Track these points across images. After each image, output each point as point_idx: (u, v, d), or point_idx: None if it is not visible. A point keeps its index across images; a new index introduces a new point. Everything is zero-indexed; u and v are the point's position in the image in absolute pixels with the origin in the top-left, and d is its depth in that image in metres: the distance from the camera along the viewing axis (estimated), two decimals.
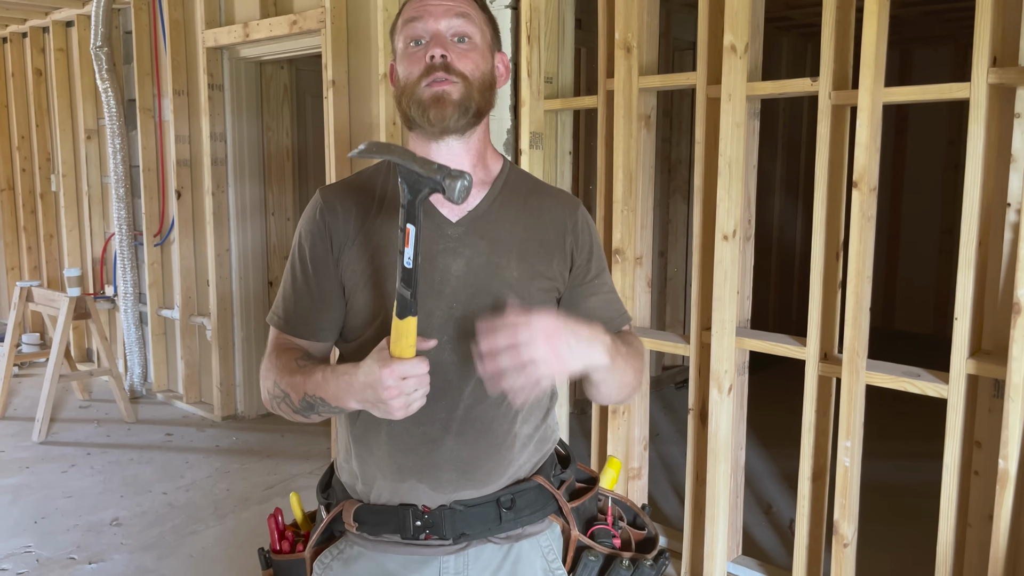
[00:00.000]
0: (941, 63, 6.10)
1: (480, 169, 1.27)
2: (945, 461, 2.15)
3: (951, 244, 6.10)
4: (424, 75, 1.20)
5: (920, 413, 3.44)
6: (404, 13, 1.25)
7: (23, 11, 4.97)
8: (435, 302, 1.20)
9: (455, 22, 1.21)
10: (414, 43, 1.22)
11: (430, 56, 1.19)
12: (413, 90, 1.21)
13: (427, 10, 1.21)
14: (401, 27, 1.24)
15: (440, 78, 1.19)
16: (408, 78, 1.22)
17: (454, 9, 1.22)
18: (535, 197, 1.31)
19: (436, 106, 1.19)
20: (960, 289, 2.10)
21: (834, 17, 2.23)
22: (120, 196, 4.64)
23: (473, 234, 1.23)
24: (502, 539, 1.24)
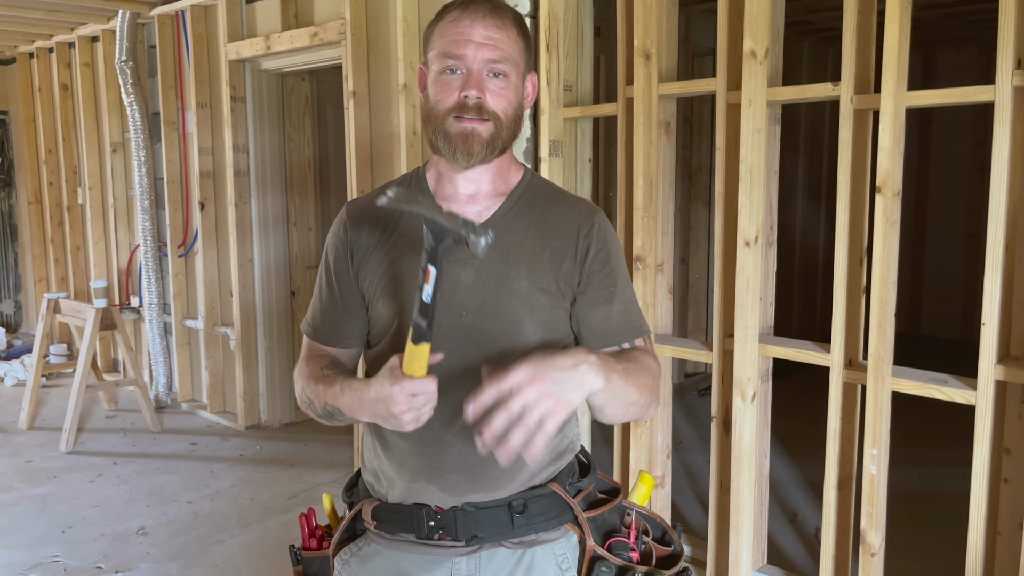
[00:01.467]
0: (965, 65, 6.03)
1: (500, 182, 1.29)
2: (974, 468, 2.12)
3: (977, 248, 6.02)
4: (455, 110, 1.20)
5: (947, 420, 3.40)
6: (442, 31, 1.22)
7: (50, 27, 5.06)
8: (444, 310, 1.20)
9: (493, 57, 1.20)
10: (449, 71, 1.21)
11: (464, 95, 1.19)
12: (442, 121, 1.21)
13: (466, 42, 1.19)
14: (437, 49, 1.22)
15: (470, 114, 1.19)
16: (437, 106, 1.21)
17: (493, 44, 1.20)
18: (552, 206, 1.30)
19: (464, 144, 1.20)
20: (987, 294, 2.07)
21: (855, 21, 2.21)
22: (145, 208, 4.70)
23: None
24: (515, 544, 1.24)
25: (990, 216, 2.05)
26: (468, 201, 1.28)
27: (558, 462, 1.29)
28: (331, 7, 3.66)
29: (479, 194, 1.28)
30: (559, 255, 1.26)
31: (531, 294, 1.23)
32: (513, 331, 1.22)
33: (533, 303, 1.23)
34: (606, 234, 1.31)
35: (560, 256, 1.26)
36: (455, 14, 1.22)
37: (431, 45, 1.24)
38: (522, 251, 1.25)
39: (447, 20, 1.22)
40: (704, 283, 5.02)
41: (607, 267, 1.28)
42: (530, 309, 1.22)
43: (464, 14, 1.21)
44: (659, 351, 2.74)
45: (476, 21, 1.20)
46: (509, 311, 1.22)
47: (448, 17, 1.22)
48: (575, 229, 1.28)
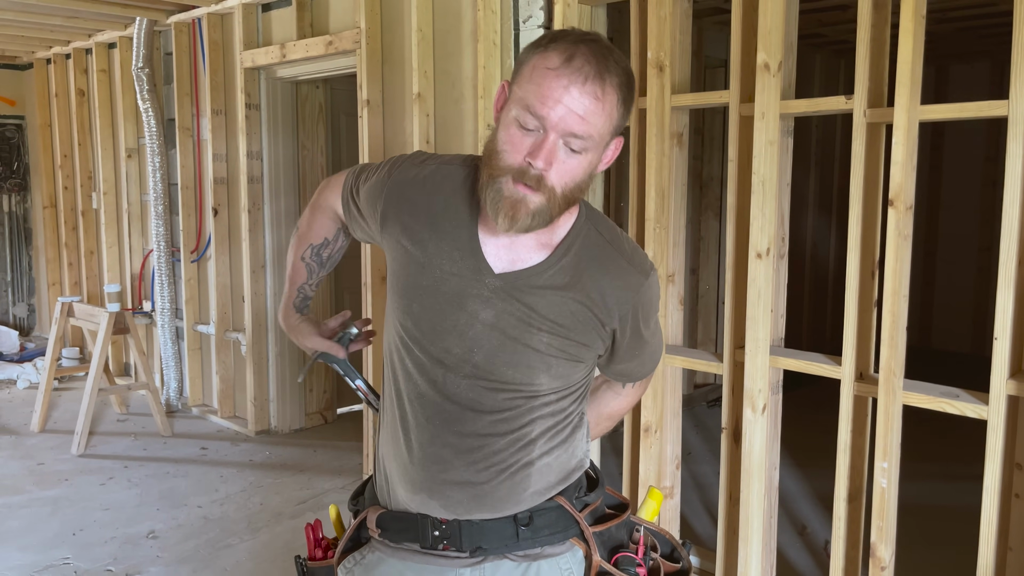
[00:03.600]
0: (978, 79, 6.02)
1: (546, 233, 1.20)
2: (985, 484, 2.11)
3: (989, 262, 6.00)
4: (516, 172, 1.10)
5: (957, 434, 3.38)
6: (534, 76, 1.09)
7: (67, 33, 5.11)
8: (455, 341, 1.19)
9: (576, 132, 1.08)
10: (524, 127, 1.10)
11: (528, 161, 1.09)
12: (498, 175, 1.12)
13: (553, 105, 1.07)
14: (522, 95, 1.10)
15: (527, 184, 1.10)
16: (501, 157, 1.12)
17: (582, 118, 1.08)
18: (599, 268, 1.21)
19: (511, 210, 1.11)
20: (1000, 309, 2.06)
21: (869, 34, 2.22)
22: (159, 213, 4.73)
23: (512, 293, 1.18)
24: (520, 556, 1.23)
25: (1003, 230, 2.04)
26: (507, 245, 1.20)
27: (565, 481, 1.28)
28: (346, 16, 3.69)
29: (519, 241, 1.20)
30: (593, 324, 1.21)
31: (551, 353, 1.20)
32: (527, 381, 1.20)
33: (552, 361, 1.20)
34: (652, 302, 1.27)
35: (594, 325, 1.22)
36: (556, 61, 1.08)
37: (519, 78, 1.12)
38: (549, 315, 1.19)
39: (545, 63, 1.08)
40: (714, 294, 5.02)
41: (644, 335, 1.28)
42: (547, 366, 1.20)
43: (565, 68, 1.07)
44: (670, 362, 2.74)
45: (575, 83, 1.06)
46: (524, 363, 1.19)
47: (547, 61, 1.08)
48: (617, 303, 1.22)
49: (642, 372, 1.37)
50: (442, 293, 1.19)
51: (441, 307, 1.19)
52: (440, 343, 1.20)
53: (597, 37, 1.13)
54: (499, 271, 1.19)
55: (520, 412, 1.20)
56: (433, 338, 1.20)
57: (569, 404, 1.26)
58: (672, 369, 2.77)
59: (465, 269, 1.19)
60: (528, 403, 1.21)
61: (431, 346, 1.20)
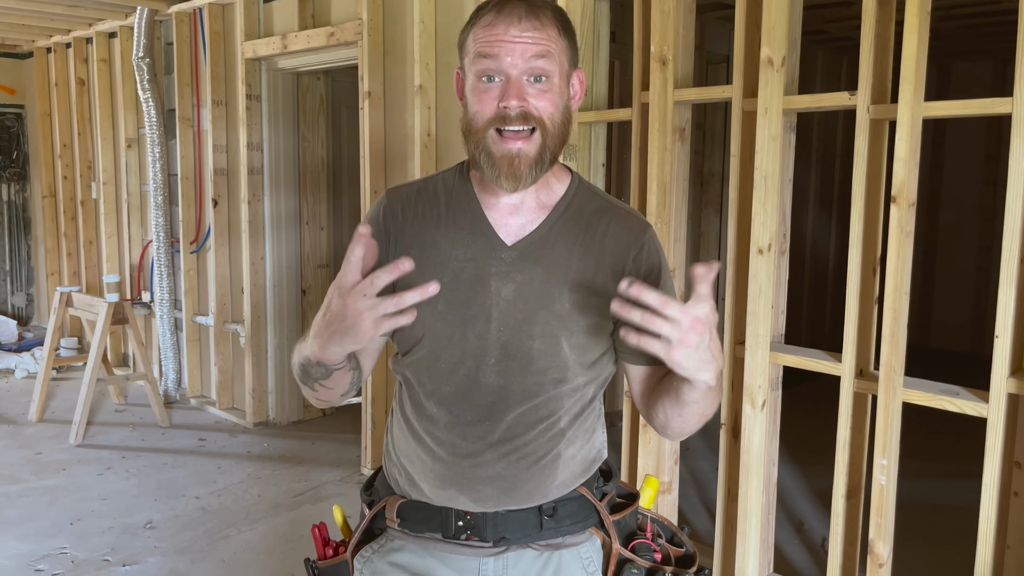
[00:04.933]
0: (980, 77, 6.01)
1: (543, 193, 1.23)
2: (984, 481, 2.11)
3: (989, 260, 6.00)
4: (495, 120, 1.12)
5: (955, 432, 3.38)
6: (476, 36, 1.14)
7: (68, 22, 5.09)
8: (483, 325, 1.18)
9: (534, 63, 1.11)
10: (486, 78, 1.12)
11: (504, 105, 1.11)
12: (482, 136, 1.13)
13: (503, 47, 1.11)
14: (472, 55, 1.14)
15: (514, 131, 1.11)
16: (476, 118, 1.13)
17: (533, 48, 1.11)
18: (599, 220, 1.23)
19: (509, 167, 1.12)
20: (1001, 307, 2.06)
21: (873, 31, 2.21)
22: (158, 204, 4.72)
23: (527, 260, 1.19)
24: (542, 546, 1.24)
25: (1005, 228, 2.04)
26: (511, 212, 1.22)
27: (587, 472, 1.28)
28: (348, 7, 3.68)
29: (523, 206, 1.22)
30: (606, 276, 1.21)
31: (572, 316, 1.19)
32: (551, 351, 1.19)
33: (573, 326, 1.19)
34: (657, 253, 1.25)
35: (607, 277, 1.20)
36: (489, 17, 1.13)
37: (465, 51, 1.16)
38: (567, 270, 1.20)
39: (481, 24, 1.14)
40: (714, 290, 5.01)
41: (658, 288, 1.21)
42: (569, 332, 1.19)
43: (499, 17, 1.12)
44: None
45: (512, 24, 1.11)
46: (548, 331, 1.18)
47: (482, 21, 1.14)
48: (625, 249, 1.22)
49: None
50: (463, 281, 1.19)
51: (465, 295, 1.19)
52: (470, 331, 1.19)
53: None
54: (511, 243, 1.20)
55: (549, 399, 1.20)
56: (463, 330, 1.19)
57: (592, 391, 1.26)
58: None
59: (479, 251, 1.20)
60: (556, 388, 1.20)
61: (462, 339, 1.19)
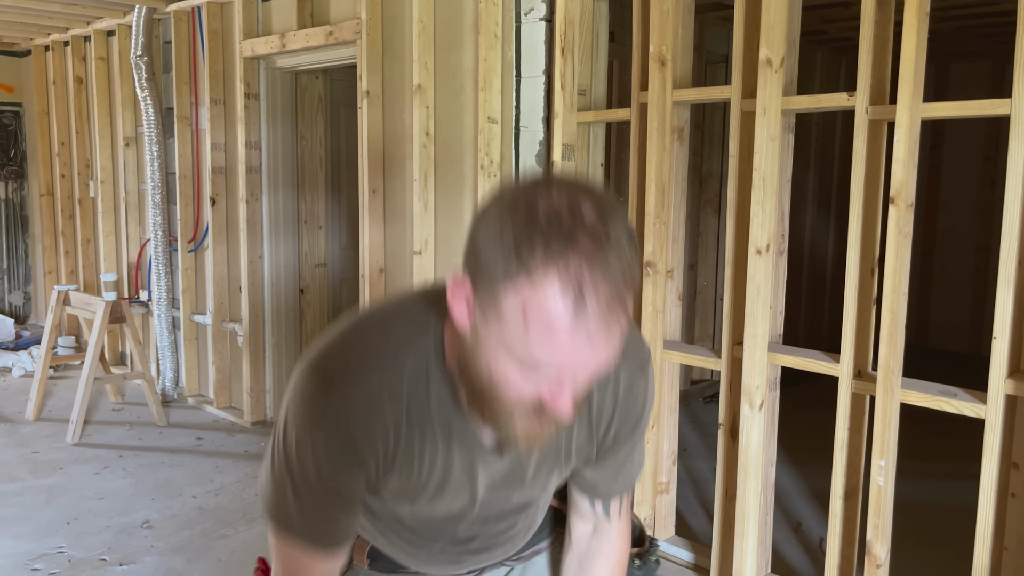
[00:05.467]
0: (978, 79, 6.02)
1: None
2: (982, 482, 2.11)
3: (986, 261, 6.00)
4: (527, 415, 0.90)
5: (952, 433, 3.39)
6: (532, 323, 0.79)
7: (66, 20, 5.08)
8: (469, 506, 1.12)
9: (601, 369, 0.86)
10: (529, 368, 0.84)
11: (551, 405, 0.88)
12: (506, 417, 0.92)
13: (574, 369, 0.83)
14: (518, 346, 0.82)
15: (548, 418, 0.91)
16: (501, 395, 0.89)
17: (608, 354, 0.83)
18: (603, 383, 1.06)
19: (528, 444, 0.96)
20: (999, 308, 2.06)
21: (872, 31, 2.21)
22: (156, 202, 4.71)
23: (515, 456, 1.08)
24: (514, 561, 1.31)
25: (1004, 230, 2.04)
26: None
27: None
28: (347, 7, 3.67)
29: None
30: (591, 429, 1.10)
31: (556, 480, 1.18)
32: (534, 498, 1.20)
33: (554, 485, 1.20)
34: (648, 397, 1.12)
35: (591, 430, 1.10)
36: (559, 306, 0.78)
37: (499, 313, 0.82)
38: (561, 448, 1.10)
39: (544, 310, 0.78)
40: (712, 290, 5.02)
41: (637, 432, 1.14)
42: (552, 489, 1.22)
43: (579, 322, 0.78)
44: (668, 357, 2.74)
45: (594, 335, 0.79)
46: (530, 494, 1.17)
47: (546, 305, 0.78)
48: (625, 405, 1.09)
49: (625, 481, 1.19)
50: (450, 483, 1.06)
51: (452, 493, 1.08)
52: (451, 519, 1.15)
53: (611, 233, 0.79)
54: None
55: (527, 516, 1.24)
56: (444, 519, 1.14)
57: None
58: (670, 365, 2.77)
59: (467, 451, 1.04)
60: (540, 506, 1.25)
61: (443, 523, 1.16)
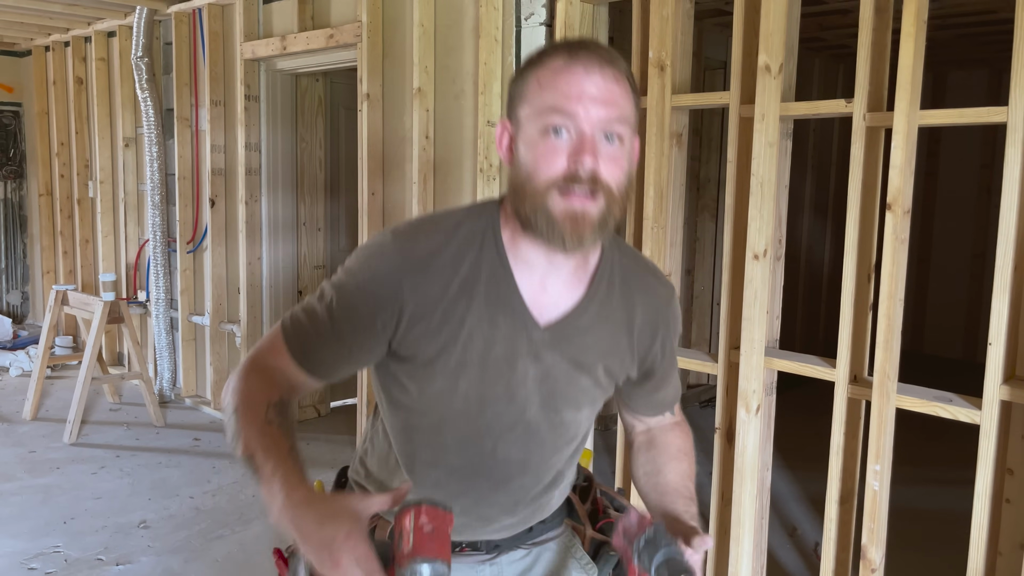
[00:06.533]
0: (975, 86, 6.05)
1: (581, 266, 1.14)
2: (976, 488, 2.12)
3: (982, 268, 6.03)
4: (563, 181, 0.99)
5: (947, 439, 3.40)
6: (543, 81, 1.00)
7: (66, 21, 5.09)
8: (507, 405, 1.14)
9: (610, 117, 0.99)
10: (554, 132, 0.99)
11: (576, 165, 0.98)
12: (543, 197, 1.00)
13: (580, 99, 0.98)
14: (538, 104, 1.00)
15: (582, 193, 0.99)
16: (537, 176, 1.00)
17: (611, 102, 0.99)
18: (630, 289, 1.18)
19: (573, 228, 1.01)
20: (995, 314, 2.08)
21: (870, 38, 2.23)
22: (155, 203, 4.72)
23: (559, 343, 1.13)
24: (528, 545, 1.31)
25: (1000, 236, 2.06)
26: (546, 286, 1.11)
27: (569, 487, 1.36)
28: (348, 10, 3.69)
29: (558, 281, 1.12)
30: (631, 346, 1.20)
31: (599, 387, 1.21)
32: (573, 422, 1.22)
33: (594, 395, 1.22)
34: (677, 319, 1.27)
35: (631, 346, 1.20)
36: (560, 61, 1.00)
37: (525, 99, 1.02)
38: (599, 349, 1.16)
39: (549, 68, 1.00)
40: (709, 294, 5.03)
41: (673, 354, 1.28)
42: (591, 401, 1.22)
43: (574, 62, 0.99)
44: None
45: (592, 70, 0.99)
46: (573, 406, 1.19)
47: (550, 64, 1.00)
48: (654, 326, 1.21)
49: (673, 396, 1.36)
50: (490, 362, 1.10)
51: (491, 376, 1.11)
52: (490, 411, 1.13)
53: (585, 38, 1.19)
54: (544, 323, 1.11)
55: (562, 458, 1.26)
56: (482, 408, 1.13)
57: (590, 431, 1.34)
58: None
59: (510, 330, 1.10)
60: (570, 446, 1.26)
61: (479, 417, 1.14)
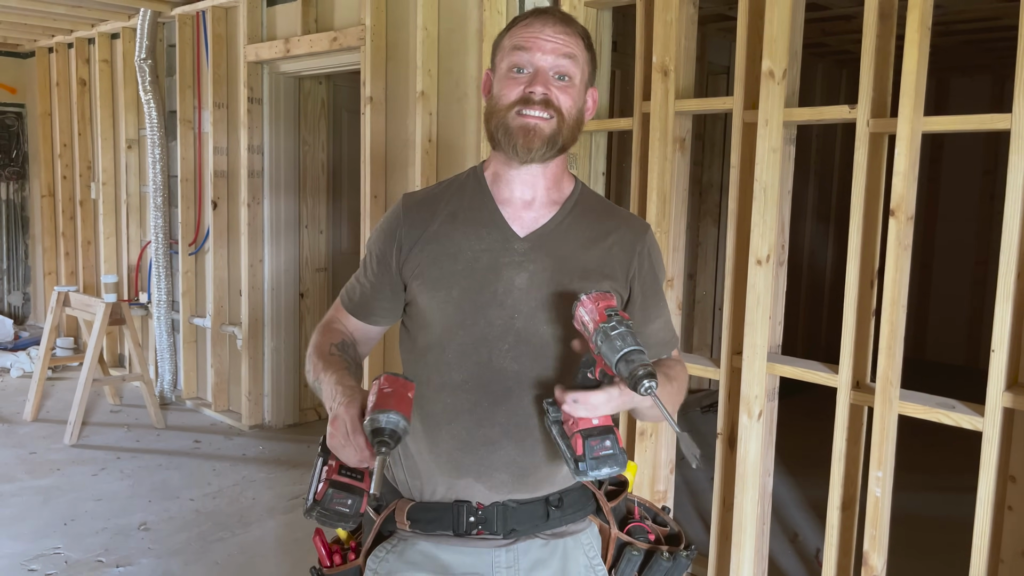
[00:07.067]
0: (978, 93, 6.05)
1: (554, 190, 1.33)
2: (979, 495, 2.12)
3: (984, 275, 6.02)
4: (518, 103, 1.24)
5: (949, 445, 3.39)
6: (513, 36, 1.29)
7: (70, 23, 5.10)
8: (496, 312, 1.26)
9: (561, 62, 1.25)
10: (516, 70, 1.26)
11: (529, 90, 1.24)
12: (504, 115, 1.26)
13: (537, 44, 1.25)
14: (508, 50, 1.28)
15: (534, 110, 1.24)
16: (501, 100, 1.27)
17: (562, 49, 1.26)
18: (605, 219, 1.35)
19: (524, 137, 1.24)
20: (998, 321, 2.07)
21: (874, 45, 2.23)
22: (158, 205, 4.72)
23: (539, 250, 1.29)
24: (548, 535, 1.31)
25: (1003, 243, 2.05)
26: (524, 207, 1.32)
27: None
28: (351, 13, 3.69)
29: (535, 200, 1.32)
30: (612, 268, 1.31)
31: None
32: (565, 336, 1.25)
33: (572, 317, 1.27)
34: (656, 251, 1.38)
35: (613, 270, 1.31)
36: (527, 20, 1.29)
37: (500, 48, 1.30)
38: (576, 260, 1.29)
39: (519, 25, 1.29)
40: (711, 300, 5.03)
41: (656, 283, 1.37)
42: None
43: (535, 20, 1.28)
44: None
45: (547, 25, 1.26)
46: (562, 316, 1.25)
47: (520, 23, 1.29)
48: (630, 245, 1.34)
49: (668, 336, 1.40)
50: (477, 270, 1.27)
51: (479, 283, 1.27)
52: (482, 318, 1.26)
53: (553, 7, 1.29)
54: (524, 234, 1.30)
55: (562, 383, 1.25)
56: (475, 316, 1.26)
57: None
58: None
59: (493, 242, 1.29)
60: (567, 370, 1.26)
61: (474, 325, 1.26)
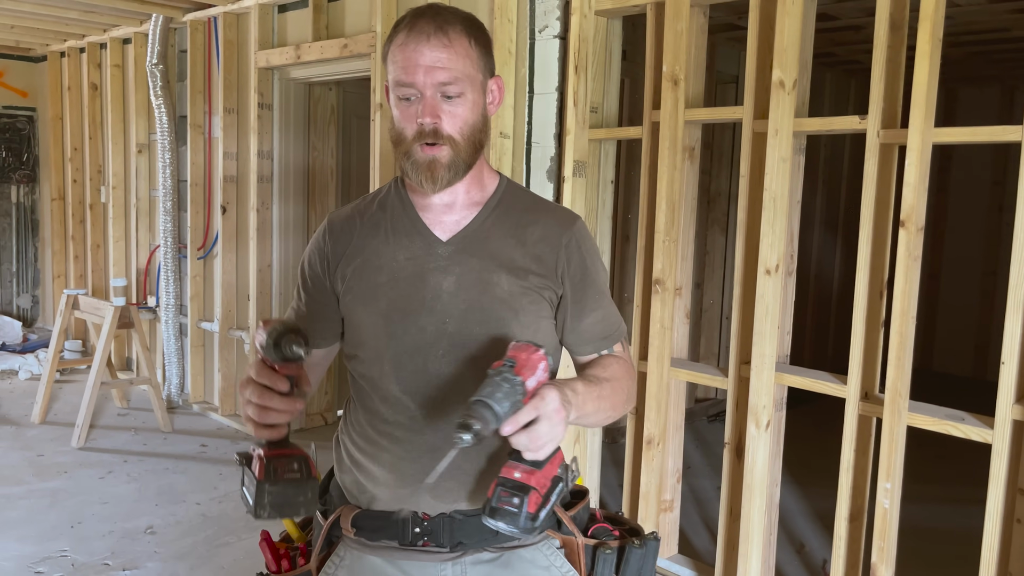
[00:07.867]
0: (987, 104, 6.04)
1: (474, 191, 1.31)
2: (987, 508, 2.11)
3: (993, 286, 6.00)
4: (416, 138, 1.21)
5: (957, 457, 3.38)
6: (395, 54, 1.21)
7: (82, 27, 5.13)
8: (427, 318, 1.24)
9: (442, 80, 1.19)
10: (405, 100, 1.21)
11: (420, 123, 1.20)
12: (408, 149, 1.23)
13: (418, 68, 1.19)
14: (393, 71, 1.23)
15: (430, 143, 1.21)
16: (402, 134, 1.23)
17: (443, 64, 1.19)
18: (530, 214, 1.32)
19: (428, 172, 1.22)
20: (1008, 333, 2.07)
21: (885, 56, 2.23)
22: (167, 209, 4.74)
23: (463, 252, 1.27)
24: (497, 548, 1.26)
25: (1014, 254, 2.05)
26: (445, 211, 1.29)
27: None
28: (362, 20, 3.71)
29: (455, 204, 1.29)
30: (540, 263, 1.28)
31: (514, 297, 1.25)
32: (500, 335, 1.23)
33: (517, 305, 1.25)
34: (586, 242, 1.33)
35: (541, 264, 1.28)
36: (401, 36, 1.21)
37: (388, 70, 1.25)
38: (502, 257, 1.27)
39: (396, 44, 1.22)
40: (718, 308, 5.02)
41: (588, 276, 1.32)
42: (515, 312, 1.25)
43: (409, 37, 1.20)
44: (675, 375, 2.74)
45: (421, 43, 1.19)
46: (495, 315, 1.23)
47: (396, 40, 1.22)
48: (556, 238, 1.30)
49: (610, 328, 1.34)
50: (403, 279, 1.26)
51: (406, 291, 1.26)
52: (413, 326, 1.24)
53: (432, 4, 1.26)
54: (447, 238, 1.28)
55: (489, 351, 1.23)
56: (406, 325, 1.25)
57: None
58: (676, 382, 2.78)
59: (417, 250, 1.28)
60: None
61: (405, 334, 1.24)
